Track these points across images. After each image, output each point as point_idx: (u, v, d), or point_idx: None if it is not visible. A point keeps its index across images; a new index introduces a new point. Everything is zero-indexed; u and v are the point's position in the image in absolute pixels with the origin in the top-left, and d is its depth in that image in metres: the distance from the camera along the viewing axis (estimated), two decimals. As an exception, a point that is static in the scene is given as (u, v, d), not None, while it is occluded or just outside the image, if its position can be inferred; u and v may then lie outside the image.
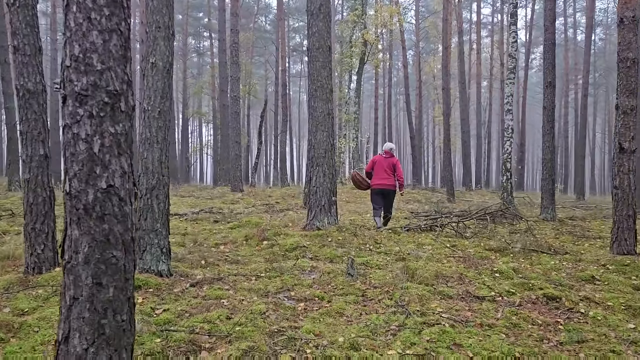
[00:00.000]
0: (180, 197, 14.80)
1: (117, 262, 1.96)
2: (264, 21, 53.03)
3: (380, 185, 8.61)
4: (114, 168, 1.95)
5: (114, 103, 1.97)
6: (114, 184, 1.95)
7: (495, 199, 19.83)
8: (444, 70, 18.01)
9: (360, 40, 20.95)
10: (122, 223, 1.97)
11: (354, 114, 22.14)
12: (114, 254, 1.94)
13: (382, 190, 8.66)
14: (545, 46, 11.12)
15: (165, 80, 4.99)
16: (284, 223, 8.37)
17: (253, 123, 52.60)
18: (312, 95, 7.49)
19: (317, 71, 7.45)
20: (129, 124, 2.04)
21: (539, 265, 6.26)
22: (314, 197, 7.43)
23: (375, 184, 8.65)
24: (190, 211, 10.13)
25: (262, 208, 11.97)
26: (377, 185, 8.63)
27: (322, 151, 7.42)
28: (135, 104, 2.16)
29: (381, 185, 8.61)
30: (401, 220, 10.34)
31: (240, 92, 36.68)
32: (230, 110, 17.12)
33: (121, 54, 2.00)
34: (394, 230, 8.30)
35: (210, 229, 8.18)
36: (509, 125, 14.93)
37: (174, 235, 7.42)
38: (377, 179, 8.60)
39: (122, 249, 1.98)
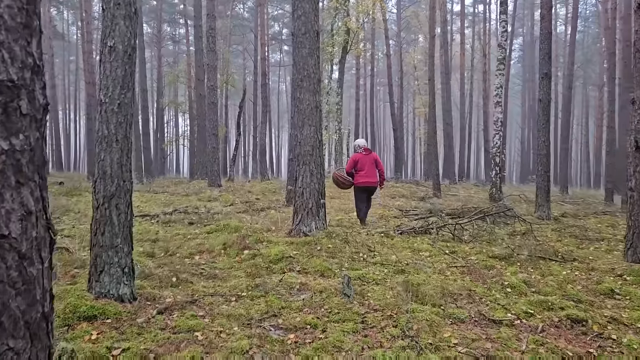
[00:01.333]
0: (154, 193, 13.90)
1: (18, 357, 1.21)
2: (242, 8, 51.64)
3: (368, 182, 8.68)
4: (9, 207, 1.20)
5: (8, 101, 1.21)
6: (8, 232, 1.20)
7: (482, 194, 19.39)
8: (430, 60, 17.38)
9: (342, 28, 20.16)
10: (23, 294, 1.22)
11: (336, 105, 21.41)
12: (10, 344, 1.19)
13: (369, 187, 8.78)
14: (541, 35, 10.54)
15: (126, 67, 4.18)
16: (266, 226, 7.63)
17: (231, 113, 51.36)
18: (297, 86, 6.73)
19: (303, 59, 6.68)
20: (37, 135, 1.29)
21: (550, 276, 5.66)
22: (300, 199, 6.70)
23: (363, 181, 8.66)
24: (163, 211, 9.30)
25: (242, 206, 11.19)
26: (365, 182, 8.67)
27: (309, 148, 6.68)
28: (48, 102, 1.40)
29: (369, 183, 8.70)
30: (391, 220, 9.69)
31: (218, 82, 35.64)
32: (207, 101, 16.19)
33: (20, 22, 1.24)
34: (386, 234, 7.63)
35: (184, 233, 7.38)
36: (498, 118, 14.42)
37: (142, 243, 6.62)
38: (364, 176, 8.62)
39: (26, 334, 1.23)
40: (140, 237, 6.94)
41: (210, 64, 15.79)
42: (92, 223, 4.17)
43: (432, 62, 17.25)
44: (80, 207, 10.72)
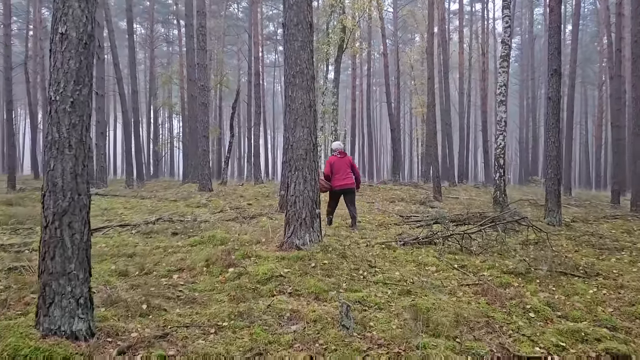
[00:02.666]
0: (140, 198, 13.20)
1: None
2: (236, 8, 50.94)
3: (343, 185, 8.75)
4: None
5: None
6: None
7: (484, 196, 18.75)
8: (429, 57, 16.73)
9: (338, 26, 19.50)
10: None
11: (332, 105, 20.75)
12: None
13: (344, 190, 8.81)
14: (550, 29, 9.90)
15: (81, 59, 3.49)
16: (255, 238, 6.94)
17: (226, 115, 50.58)
18: (289, 83, 6.06)
19: (295, 53, 6.01)
20: None
21: (575, 295, 5.00)
22: (293, 208, 6.02)
23: (338, 184, 8.75)
24: (146, 220, 8.60)
25: (231, 213, 10.50)
26: (340, 185, 8.75)
27: (302, 152, 6.01)
28: None
29: (344, 186, 8.76)
30: (391, 228, 9.03)
31: (212, 83, 34.88)
32: (198, 101, 15.48)
33: None
34: (387, 245, 6.96)
35: (165, 246, 6.69)
36: (502, 118, 13.78)
37: (116, 259, 5.93)
38: (339, 179, 8.74)
39: None
40: (115, 252, 6.25)
41: (201, 63, 15.08)
42: (40, 245, 3.48)
43: (431, 60, 16.61)
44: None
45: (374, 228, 9.03)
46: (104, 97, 17.90)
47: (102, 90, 17.71)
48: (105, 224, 8.81)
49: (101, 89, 17.62)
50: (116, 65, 20.07)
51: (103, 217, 9.63)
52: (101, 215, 10.01)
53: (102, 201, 12.27)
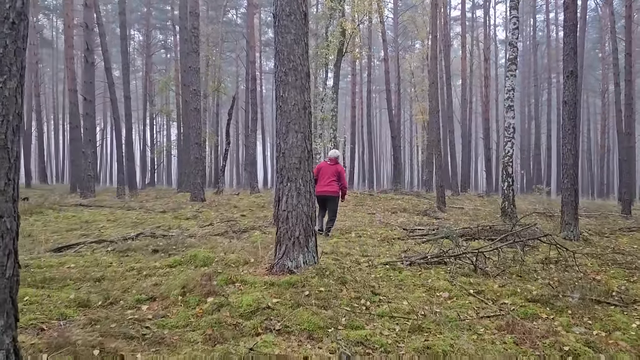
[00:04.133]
0: (127, 209, 12.40)
1: None
2: (235, 14, 50.42)
3: (322, 192, 8.69)
4: None
5: None
6: None
7: (489, 206, 17.98)
8: (432, 62, 16.01)
9: (338, 29, 18.82)
10: None
11: (331, 111, 20.02)
12: None
13: (323, 196, 8.78)
14: (565, 27, 9.20)
15: (5, 42, 2.73)
16: (243, 257, 6.15)
17: (224, 122, 49.90)
18: (280, 82, 5.31)
19: (287, 47, 5.27)
20: None
21: (617, 331, 4.21)
22: (285, 225, 5.25)
23: (318, 190, 8.52)
24: (124, 236, 7.81)
25: (222, 226, 9.72)
26: (320, 192, 8.63)
27: (296, 160, 5.25)
28: None
29: (323, 192, 8.72)
30: (395, 244, 8.24)
31: (210, 89, 34.22)
32: (190, 107, 14.74)
33: None
34: (392, 265, 6.18)
35: (140, 267, 5.90)
36: (510, 124, 13.05)
37: (80, 284, 5.15)
38: (321, 185, 8.74)
39: None
40: (81, 275, 5.46)
41: (193, 67, 14.34)
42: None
43: (434, 64, 15.90)
44: (36, 229, 9.25)
45: (376, 244, 8.25)
46: (92, 102, 17.15)
47: (91, 96, 16.97)
48: (82, 239, 8.03)
49: (89, 94, 16.88)
50: (107, 70, 19.36)
51: (80, 232, 8.84)
52: (79, 228, 9.23)
53: (85, 213, 11.49)
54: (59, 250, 7.01)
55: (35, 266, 5.96)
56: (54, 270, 5.85)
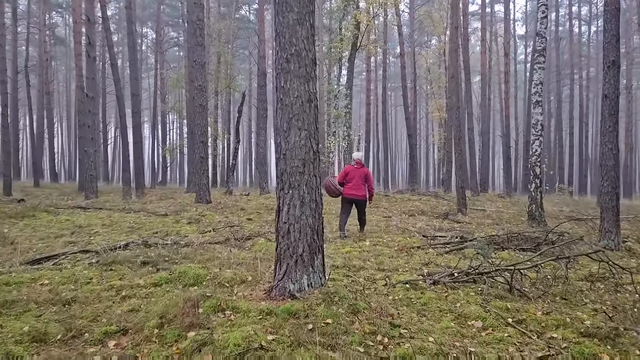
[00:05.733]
0: (126, 212, 11.67)
1: None
2: (247, 11, 49.70)
3: (352, 195, 9.00)
4: None
5: None
6: None
7: (512, 208, 16.96)
8: (452, 54, 15.03)
9: (352, 22, 17.92)
10: None
11: (344, 108, 19.15)
12: None
13: (353, 200, 9.06)
14: (606, 13, 8.21)
15: None
16: (240, 274, 5.32)
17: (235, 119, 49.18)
18: (281, 70, 4.46)
19: (289, 29, 4.42)
20: None
21: None
22: (286, 240, 4.40)
23: (347, 193, 9.02)
24: (113, 245, 7.03)
25: (224, 232, 8.92)
26: (349, 195, 9.01)
27: (299, 163, 4.40)
28: None
29: (353, 196, 9.01)
30: (415, 255, 7.34)
31: (221, 86, 33.52)
32: (196, 103, 13.97)
33: None
34: (413, 285, 5.31)
35: (121, 285, 5.10)
36: (538, 121, 12.06)
37: (46, 308, 4.38)
38: (350, 188, 9.01)
39: None
40: (51, 295, 4.68)
41: (198, 61, 13.55)
42: None
43: (454, 56, 14.91)
44: (22, 235, 8.54)
45: (393, 254, 7.37)
46: (94, 99, 16.48)
47: (93, 92, 16.29)
48: (67, 248, 7.28)
49: (92, 90, 16.21)
50: (113, 66, 18.70)
51: (69, 238, 8.10)
52: (69, 235, 8.50)
53: (81, 216, 10.78)
54: (38, 262, 6.26)
55: (3, 283, 5.21)
56: (22, 288, 5.09)
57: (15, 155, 33.66)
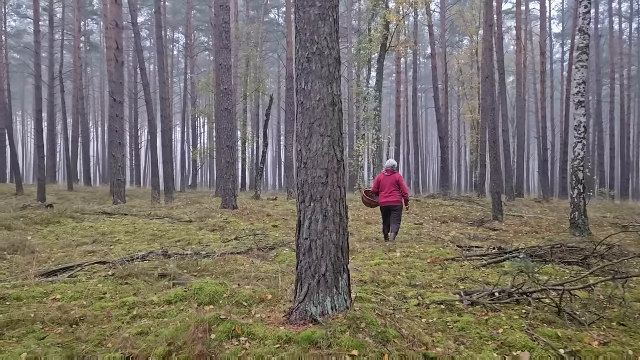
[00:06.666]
0: (150, 219, 11.48)
1: None
2: (276, 14, 49.71)
3: (385, 202, 9.20)
4: None
5: None
6: None
7: (550, 214, 16.12)
8: (486, 53, 14.38)
9: (381, 22, 17.44)
10: None
11: (374, 110, 18.65)
12: None
13: (388, 207, 9.22)
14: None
15: None
16: (259, 292, 4.94)
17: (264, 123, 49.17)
18: (302, 70, 4.07)
19: (310, 25, 4.02)
20: None
21: None
22: (307, 258, 4.00)
23: (382, 201, 9.25)
24: (132, 256, 6.77)
25: (248, 241, 8.59)
26: (383, 202, 9.24)
27: (321, 173, 3.99)
28: None
29: (386, 203, 9.19)
30: (450, 268, 6.83)
31: (250, 89, 33.48)
32: (221, 107, 13.75)
33: None
34: (449, 306, 4.81)
35: (134, 302, 4.79)
36: (581, 122, 11.34)
37: (51, 329, 4.08)
38: (382, 196, 9.23)
39: None
40: (56, 316, 4.37)
41: (224, 64, 13.33)
42: None
43: (489, 55, 14.26)
44: (45, 242, 8.40)
45: (426, 267, 6.88)
46: (122, 103, 16.48)
47: (121, 96, 16.29)
48: (86, 258, 7.07)
49: (120, 95, 16.20)
50: (142, 70, 18.72)
51: (90, 247, 7.90)
52: (90, 243, 8.31)
53: (105, 223, 10.64)
54: (53, 274, 6.03)
55: (14, 297, 4.97)
56: (32, 304, 4.84)
57: (52, 159, 34.38)
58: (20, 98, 61.31)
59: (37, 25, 21.90)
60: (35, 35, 21.33)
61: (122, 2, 16.24)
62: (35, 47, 21.45)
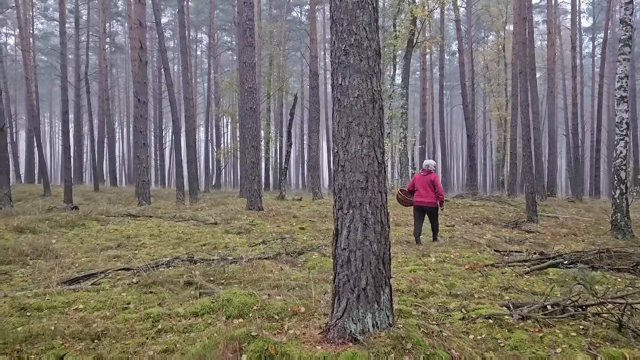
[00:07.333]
0: (175, 221, 11.28)
1: None
2: (299, 12, 49.46)
3: (419, 202, 9.15)
4: None
5: None
6: None
7: (586, 215, 15.44)
8: (520, 48, 13.81)
9: (408, 17, 16.97)
10: None
11: (400, 108, 18.21)
12: None
13: (421, 207, 9.15)
14: None
15: None
16: (291, 304, 4.61)
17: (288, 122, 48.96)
18: (339, 64, 3.72)
19: (348, 14, 3.67)
20: None
21: None
22: (345, 270, 3.65)
23: (415, 200, 9.23)
24: (157, 261, 6.53)
25: (276, 245, 8.29)
26: (417, 202, 9.20)
27: (361, 177, 3.64)
28: None
29: (420, 203, 9.14)
30: (491, 275, 6.39)
31: (273, 88, 33.29)
32: (246, 106, 13.49)
33: None
34: (498, 321, 4.40)
35: (159, 314, 4.51)
36: (624, 119, 10.75)
37: (71, 345, 3.82)
38: (417, 196, 9.21)
39: None
40: (77, 330, 4.11)
41: (248, 62, 13.07)
42: None
43: (523, 50, 13.67)
44: (69, 246, 8.24)
45: (464, 274, 6.47)
46: (146, 104, 16.38)
47: (145, 97, 16.19)
48: (110, 263, 6.86)
49: (144, 95, 16.11)
50: (166, 70, 18.63)
51: (114, 252, 7.70)
52: (115, 247, 8.11)
53: (130, 225, 10.47)
54: (76, 281, 5.82)
55: (35, 307, 4.76)
56: (54, 314, 4.62)
57: (79, 160, 34.78)
58: (48, 100, 62.39)
59: (63, 27, 22.02)
60: (62, 37, 21.44)
61: (145, 2, 16.15)
62: (61, 49, 21.58)
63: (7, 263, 6.81)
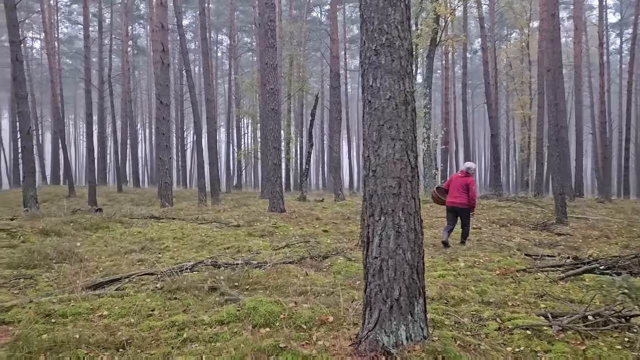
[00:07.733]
0: (198, 223, 11.25)
1: None
2: (319, 12, 49.33)
3: (451, 202, 9.14)
4: None
5: None
6: None
7: (617, 216, 14.94)
8: (549, 45, 13.46)
9: (430, 16, 16.69)
10: None
11: (424, 108, 17.93)
12: None
13: (453, 207, 9.12)
14: None
15: None
16: (319, 313, 4.46)
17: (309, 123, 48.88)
18: (369, 64, 3.56)
19: (378, 12, 3.51)
20: None
21: None
22: (377, 280, 3.50)
23: (447, 201, 9.25)
24: (181, 266, 6.46)
25: (299, 248, 8.16)
26: (449, 202, 9.21)
27: (393, 183, 3.47)
28: None
29: (452, 203, 9.13)
30: (524, 282, 6.15)
31: (294, 89, 33.23)
32: (268, 107, 13.40)
33: None
34: (537, 333, 4.18)
35: (184, 322, 4.42)
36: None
37: (98, 353, 3.74)
38: (450, 196, 9.22)
39: None
40: (102, 338, 4.04)
41: (270, 63, 12.98)
42: None
43: (551, 47, 13.31)
44: (94, 250, 8.24)
45: (495, 280, 6.24)
46: (168, 106, 16.44)
47: (167, 99, 16.25)
48: (135, 268, 6.81)
49: (166, 97, 16.17)
50: (188, 72, 18.70)
51: (138, 256, 7.66)
52: (139, 251, 8.08)
53: (154, 228, 10.46)
54: (101, 286, 5.77)
55: (60, 314, 4.71)
56: (79, 321, 4.56)
57: (102, 161, 35.25)
58: (73, 102, 63.43)
59: (87, 30, 22.30)
60: (86, 40, 21.70)
61: (167, 5, 16.22)
62: (85, 52, 21.85)
63: (32, 267, 6.82)
